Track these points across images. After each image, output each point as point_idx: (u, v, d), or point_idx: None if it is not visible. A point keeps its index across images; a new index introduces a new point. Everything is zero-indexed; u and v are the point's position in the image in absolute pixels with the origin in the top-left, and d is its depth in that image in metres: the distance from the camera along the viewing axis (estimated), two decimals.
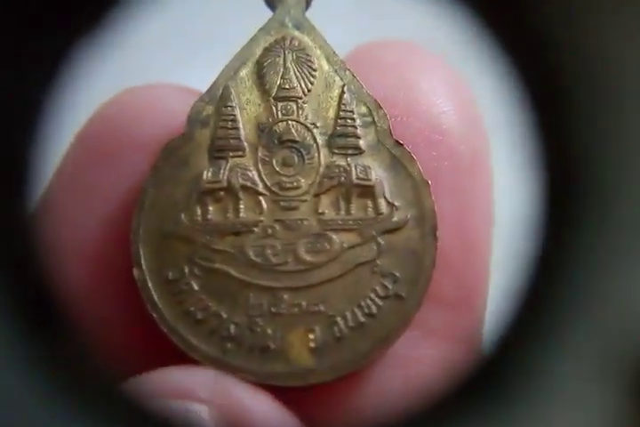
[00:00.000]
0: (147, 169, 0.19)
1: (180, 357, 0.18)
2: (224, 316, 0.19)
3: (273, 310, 0.19)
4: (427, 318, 0.18)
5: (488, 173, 0.20)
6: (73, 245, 0.19)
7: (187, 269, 0.19)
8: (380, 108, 0.20)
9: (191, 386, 0.16)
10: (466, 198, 0.19)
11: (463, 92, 0.21)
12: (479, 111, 0.21)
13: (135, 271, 0.19)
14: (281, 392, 0.18)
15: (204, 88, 0.22)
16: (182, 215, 0.19)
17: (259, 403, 0.17)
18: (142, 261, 0.19)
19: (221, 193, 0.20)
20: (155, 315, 0.19)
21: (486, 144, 0.20)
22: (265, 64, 0.21)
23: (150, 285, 0.19)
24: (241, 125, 0.20)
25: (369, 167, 0.20)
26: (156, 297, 0.19)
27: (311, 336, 0.18)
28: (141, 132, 0.19)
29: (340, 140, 0.20)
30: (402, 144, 0.20)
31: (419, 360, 0.18)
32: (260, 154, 0.20)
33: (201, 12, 0.37)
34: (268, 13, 0.23)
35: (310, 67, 0.21)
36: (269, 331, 0.19)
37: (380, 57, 0.21)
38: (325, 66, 0.21)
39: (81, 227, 0.19)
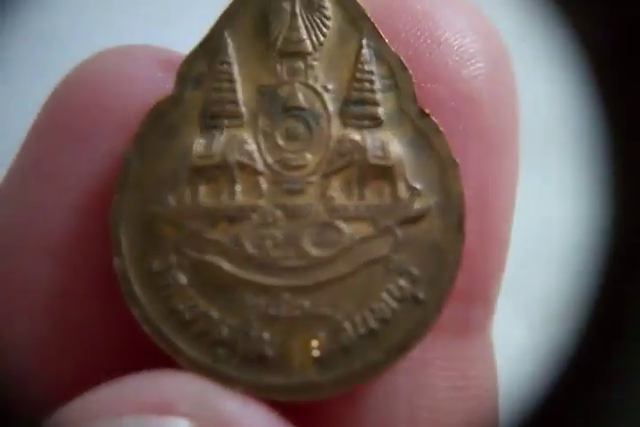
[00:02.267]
0: (125, 142, 0.15)
1: (165, 363, 0.16)
2: (215, 317, 0.15)
3: (271, 312, 0.15)
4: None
5: (515, 155, 0.17)
6: (42, 239, 0.16)
7: (174, 260, 0.15)
8: (405, 68, 0.16)
9: (170, 397, 0.13)
10: (490, 184, 0.16)
11: (497, 49, 0.16)
12: (513, 75, 0.17)
13: (115, 260, 0.15)
14: (279, 406, 0.15)
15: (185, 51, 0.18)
16: (169, 196, 0.16)
17: (250, 417, 0.14)
18: (122, 249, 0.15)
19: (214, 171, 0.16)
20: (136, 312, 0.15)
21: (517, 119, 0.17)
22: (270, 10, 0.16)
23: (131, 276, 0.15)
24: (239, 87, 0.16)
25: (388, 143, 0.16)
26: (138, 292, 0.15)
27: (314, 344, 0.15)
28: (116, 101, 0.16)
29: (356, 107, 0.16)
30: (428, 114, 0.16)
31: (429, 365, 0.16)
32: (260, 123, 0.16)
33: None
34: None
35: (323, 15, 0.17)
36: (267, 336, 0.15)
37: (403, 4, 0.16)
38: (341, 13, 0.16)
39: (51, 214, 0.16)
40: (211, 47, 0.16)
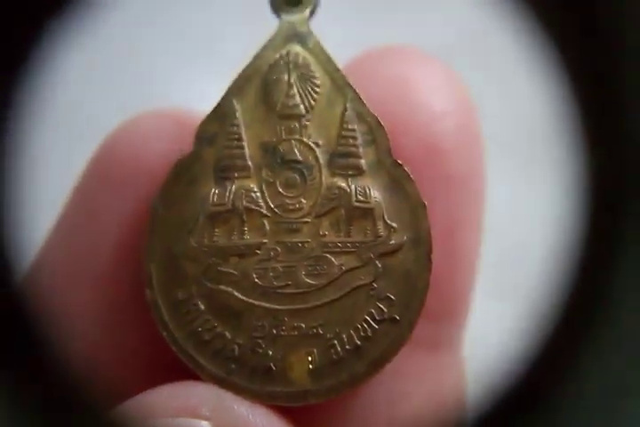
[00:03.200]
0: (153, 192, 0.18)
1: (188, 375, 0.18)
2: (228, 336, 0.18)
3: (274, 331, 0.18)
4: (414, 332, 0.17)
5: (481, 195, 0.19)
6: (88, 271, 0.18)
7: (194, 290, 0.18)
8: (381, 125, 0.19)
9: (194, 403, 0.16)
10: (456, 221, 0.18)
11: (464, 106, 0.19)
12: (479, 129, 0.19)
13: (147, 292, 0.18)
14: (280, 410, 0.17)
15: (206, 98, 0.21)
16: (190, 237, 0.18)
17: (259, 418, 0.16)
18: (153, 282, 0.18)
19: (227, 215, 0.18)
20: (165, 334, 0.18)
21: (482, 166, 0.19)
22: (270, 81, 0.19)
23: (161, 305, 0.18)
24: (246, 144, 0.19)
25: (368, 188, 0.18)
26: (166, 317, 0.18)
27: (310, 358, 0.18)
28: (147, 159, 0.18)
29: (342, 159, 0.19)
30: (400, 164, 0.18)
31: (405, 376, 0.18)
32: (263, 174, 0.19)
33: (203, 18, 0.35)
34: (272, 18, 0.22)
35: (313, 83, 0.19)
36: (271, 352, 0.18)
37: (376, 68, 0.19)
38: (328, 82, 0.19)
39: (96, 250, 0.18)
40: (222, 112, 0.19)
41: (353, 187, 0.19)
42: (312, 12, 0.20)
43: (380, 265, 0.18)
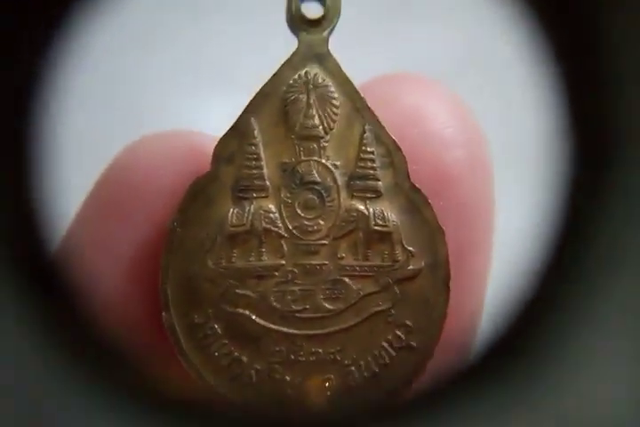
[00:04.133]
0: (167, 213, 0.17)
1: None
2: (245, 361, 0.17)
3: (292, 357, 0.17)
4: None
5: (491, 224, 0.18)
6: (98, 300, 0.18)
7: (211, 313, 0.17)
8: (399, 149, 0.18)
9: None
10: (466, 248, 0.18)
11: (474, 136, 0.18)
12: (488, 158, 0.19)
13: (164, 315, 0.17)
14: None
15: (224, 118, 0.20)
16: (207, 258, 0.18)
17: None
18: (170, 305, 0.17)
19: (245, 236, 0.18)
20: (182, 360, 0.17)
21: (491, 194, 0.18)
22: (288, 101, 0.18)
23: (178, 329, 0.17)
24: (264, 164, 0.18)
25: (387, 212, 0.18)
26: (183, 342, 0.17)
27: (327, 384, 0.17)
28: (158, 180, 0.18)
29: (360, 182, 0.18)
30: (419, 189, 0.18)
31: None
32: (282, 195, 0.18)
33: (214, 42, 0.34)
34: (291, 39, 0.21)
35: (333, 104, 0.18)
36: (288, 378, 0.17)
37: (389, 95, 0.18)
38: (347, 104, 0.18)
39: (107, 278, 0.17)
40: (240, 131, 0.18)
41: (371, 210, 0.18)
42: (331, 32, 0.19)
43: (398, 291, 0.18)
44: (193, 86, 0.33)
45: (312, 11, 0.20)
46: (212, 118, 0.19)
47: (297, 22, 0.19)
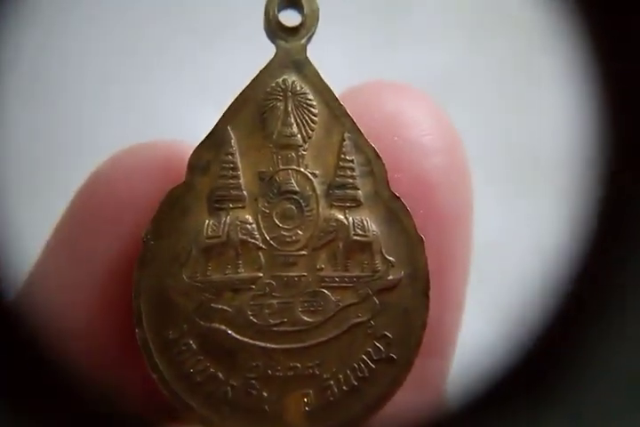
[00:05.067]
0: (143, 226, 0.17)
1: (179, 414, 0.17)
2: (222, 378, 0.16)
3: (269, 372, 0.16)
4: None
5: (469, 231, 0.18)
6: (72, 314, 0.17)
7: (186, 328, 0.16)
8: (379, 157, 0.17)
9: None
10: (446, 257, 0.17)
11: (453, 144, 0.18)
12: (466, 166, 0.18)
13: (137, 331, 0.16)
14: None
15: (205, 124, 0.19)
16: (182, 271, 0.17)
17: None
18: (143, 320, 0.16)
19: (221, 247, 0.17)
20: (155, 376, 0.16)
21: (469, 201, 0.18)
22: (266, 108, 0.17)
23: (151, 345, 0.16)
24: (241, 173, 0.17)
25: (366, 221, 0.17)
26: (157, 358, 0.16)
27: (306, 400, 0.16)
28: (137, 192, 0.17)
29: (339, 191, 0.17)
30: (398, 197, 0.17)
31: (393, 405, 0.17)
32: (259, 205, 0.17)
33: (196, 46, 0.33)
34: (270, 45, 0.20)
35: (311, 113, 0.18)
36: (266, 394, 0.16)
37: (369, 103, 0.18)
38: (326, 111, 0.17)
39: (81, 291, 0.16)
40: (216, 140, 0.17)
41: (351, 219, 0.17)
42: (309, 39, 0.19)
43: (377, 302, 0.17)
44: (182, 94, 0.33)
45: (290, 19, 0.19)
46: (202, 126, 0.18)
47: (275, 30, 0.18)
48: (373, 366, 0.17)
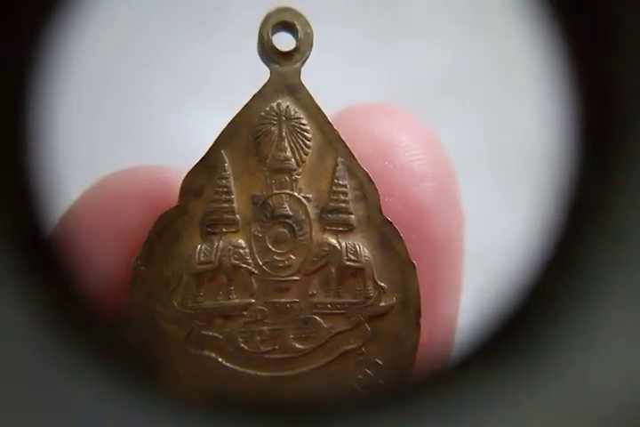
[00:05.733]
0: (133, 252, 0.16)
1: None
2: None
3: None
4: None
5: (460, 255, 0.18)
6: None
7: (176, 356, 0.16)
8: (371, 181, 0.17)
9: None
10: (437, 282, 0.17)
11: (444, 169, 0.18)
12: (457, 190, 0.18)
13: None
14: None
15: (198, 139, 0.19)
16: (173, 297, 0.16)
17: None
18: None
19: (213, 273, 0.17)
20: None
21: (460, 225, 0.18)
22: (260, 133, 0.17)
23: None
24: (234, 197, 0.17)
25: (359, 246, 0.17)
26: None
27: None
28: (125, 217, 0.16)
29: (332, 215, 0.17)
30: (390, 222, 0.17)
31: None
32: (252, 229, 0.17)
33: (196, 58, 0.33)
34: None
35: (305, 137, 0.17)
36: None
37: (359, 127, 0.17)
38: (319, 136, 0.17)
39: None
40: (210, 163, 0.17)
41: (343, 244, 0.17)
42: (303, 63, 0.18)
43: (369, 328, 0.17)
44: (182, 99, 0.32)
45: (284, 42, 0.19)
46: (202, 132, 0.18)
47: (269, 54, 0.18)
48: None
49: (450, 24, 0.35)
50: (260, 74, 0.18)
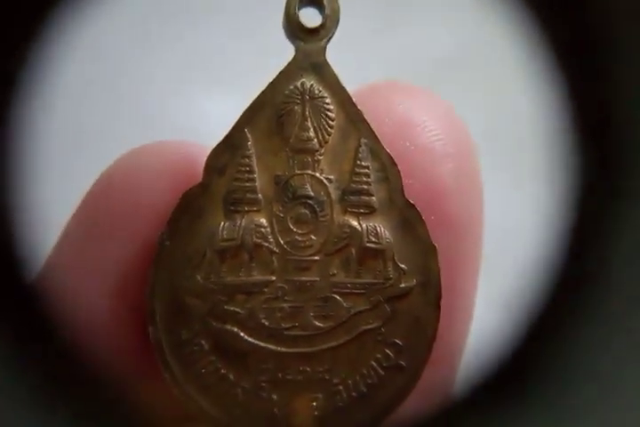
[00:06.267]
0: (157, 227, 0.16)
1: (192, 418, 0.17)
2: (232, 379, 0.16)
3: (279, 375, 0.16)
4: None
5: (479, 239, 0.17)
6: (84, 317, 0.16)
7: (198, 329, 0.16)
8: (394, 164, 0.17)
9: None
10: (457, 265, 0.17)
11: (465, 149, 0.17)
12: (478, 171, 0.18)
13: (150, 330, 0.16)
14: None
15: (222, 120, 0.19)
16: (196, 273, 0.16)
17: None
18: (157, 319, 0.16)
19: (235, 250, 0.17)
20: (167, 376, 0.16)
21: (480, 208, 0.17)
22: (284, 112, 0.17)
23: (164, 344, 0.16)
24: (257, 176, 0.17)
25: (380, 228, 0.17)
26: (169, 357, 0.16)
27: (314, 404, 0.16)
28: (149, 193, 0.16)
29: (354, 197, 0.17)
30: (413, 205, 0.17)
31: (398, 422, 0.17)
32: (274, 209, 0.17)
33: (208, 38, 0.32)
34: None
35: (328, 117, 0.17)
36: (275, 397, 0.16)
37: (378, 107, 0.17)
38: (342, 116, 0.17)
39: (92, 296, 0.16)
40: (233, 142, 0.17)
41: (364, 226, 0.17)
42: (328, 41, 0.18)
43: (388, 309, 0.17)
44: (192, 86, 0.32)
45: (311, 19, 0.18)
46: (212, 119, 0.18)
47: (294, 31, 0.17)
48: (382, 372, 0.16)
49: (451, 7, 0.34)
50: (260, 58, 0.18)
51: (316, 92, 0.17)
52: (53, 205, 0.18)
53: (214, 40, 0.34)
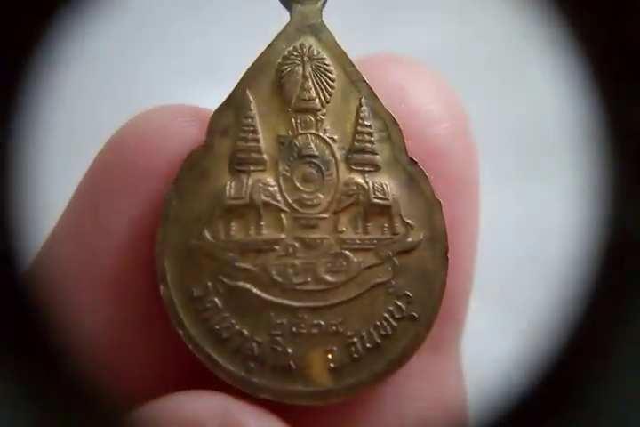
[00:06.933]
0: (164, 187, 0.16)
1: (204, 376, 0.16)
2: (247, 334, 0.16)
3: (294, 329, 0.16)
4: None
5: (476, 197, 0.18)
6: (95, 275, 0.16)
7: (211, 286, 0.16)
8: (396, 123, 0.17)
9: (202, 416, 0.14)
10: (456, 221, 0.17)
11: (457, 113, 0.18)
12: (470, 133, 0.18)
13: (161, 288, 0.16)
14: (300, 410, 0.16)
15: (214, 103, 0.19)
16: (206, 231, 0.16)
17: None
18: (168, 277, 0.16)
19: (244, 209, 0.16)
20: (181, 332, 0.16)
21: (475, 167, 0.18)
22: (284, 73, 0.17)
23: (176, 302, 0.16)
24: (261, 137, 0.17)
25: (386, 185, 0.17)
26: (181, 315, 0.16)
27: (330, 356, 0.16)
28: (156, 154, 0.16)
29: (358, 155, 0.17)
30: (416, 162, 0.17)
31: (410, 378, 0.17)
32: (280, 168, 0.17)
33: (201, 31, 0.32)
34: (280, 12, 0.20)
35: (329, 77, 0.17)
36: (290, 350, 0.16)
37: (375, 73, 0.17)
38: (343, 77, 0.17)
39: (104, 253, 0.16)
40: (236, 103, 0.17)
41: (370, 183, 0.17)
42: (324, 4, 0.18)
43: (397, 263, 0.17)
44: (192, 86, 0.32)
45: None
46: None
47: None
48: (395, 324, 0.17)
49: (437, 5, 0.35)
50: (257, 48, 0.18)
51: (316, 53, 0.17)
52: (53, 206, 0.17)
53: (214, 40, 0.33)
